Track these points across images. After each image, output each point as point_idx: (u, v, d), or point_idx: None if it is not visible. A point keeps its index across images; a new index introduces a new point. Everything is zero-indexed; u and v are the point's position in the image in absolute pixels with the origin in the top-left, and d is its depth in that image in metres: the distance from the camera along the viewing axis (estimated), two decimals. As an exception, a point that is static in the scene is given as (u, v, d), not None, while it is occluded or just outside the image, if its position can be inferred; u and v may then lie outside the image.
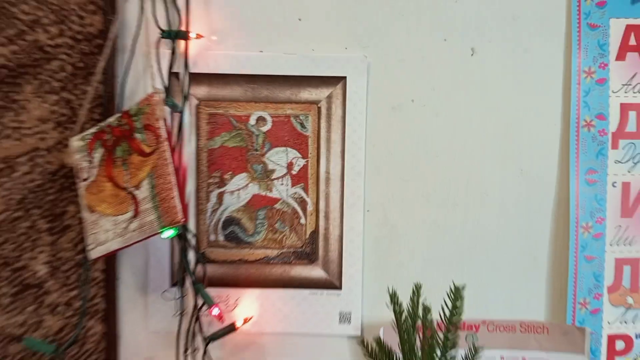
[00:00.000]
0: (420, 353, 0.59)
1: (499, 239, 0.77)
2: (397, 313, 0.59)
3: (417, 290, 0.61)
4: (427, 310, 0.61)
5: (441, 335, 0.60)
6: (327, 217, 0.77)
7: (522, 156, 0.77)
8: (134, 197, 0.67)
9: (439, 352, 0.58)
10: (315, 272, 0.77)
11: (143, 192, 0.66)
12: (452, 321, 0.60)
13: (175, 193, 0.64)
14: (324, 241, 0.77)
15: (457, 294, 0.64)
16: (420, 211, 0.78)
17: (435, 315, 0.74)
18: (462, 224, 0.77)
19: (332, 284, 0.77)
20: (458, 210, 0.77)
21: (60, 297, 0.77)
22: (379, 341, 0.62)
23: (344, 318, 0.77)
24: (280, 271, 0.77)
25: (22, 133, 0.75)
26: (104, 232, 0.68)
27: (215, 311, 0.71)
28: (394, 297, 0.59)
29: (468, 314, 0.77)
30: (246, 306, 0.77)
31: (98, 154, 0.69)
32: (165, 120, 0.66)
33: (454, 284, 0.65)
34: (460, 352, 0.65)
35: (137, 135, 0.67)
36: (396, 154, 0.77)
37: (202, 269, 0.75)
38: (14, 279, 0.76)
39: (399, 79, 0.76)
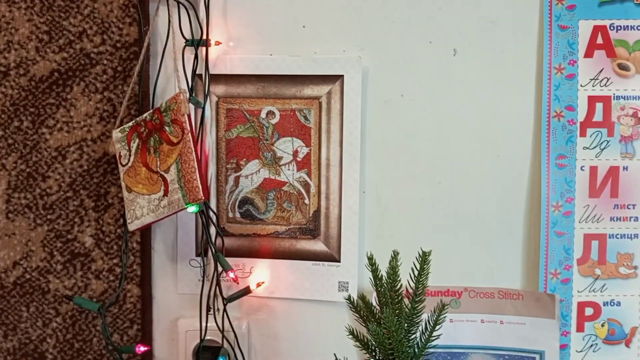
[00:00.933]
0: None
1: (478, 215, 0.88)
2: (374, 272, 0.70)
3: (395, 256, 0.72)
4: (395, 269, 0.70)
5: (412, 293, 0.71)
6: (327, 198, 0.89)
7: (499, 143, 0.87)
8: (164, 179, 0.80)
9: (409, 305, 0.70)
10: (318, 246, 0.89)
11: (171, 175, 0.79)
12: (420, 280, 0.71)
13: (197, 176, 0.77)
14: (325, 219, 0.89)
15: (424, 258, 0.73)
16: (409, 191, 0.89)
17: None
18: (446, 201, 0.88)
19: (332, 256, 0.89)
20: (442, 189, 0.88)
21: (104, 264, 0.91)
22: (362, 296, 0.74)
23: (343, 287, 0.89)
24: (288, 244, 0.90)
25: (72, 126, 0.89)
26: (140, 209, 0.82)
27: (231, 274, 0.84)
28: (371, 259, 0.71)
29: (452, 282, 0.89)
30: (259, 274, 0.90)
31: (135, 144, 0.83)
32: (189, 115, 0.79)
33: (421, 250, 0.73)
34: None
35: (167, 128, 0.80)
36: (388, 142, 0.88)
37: (221, 241, 0.88)
38: (65, 249, 0.91)
39: (390, 77, 0.87)
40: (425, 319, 0.71)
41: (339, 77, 0.87)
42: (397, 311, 0.69)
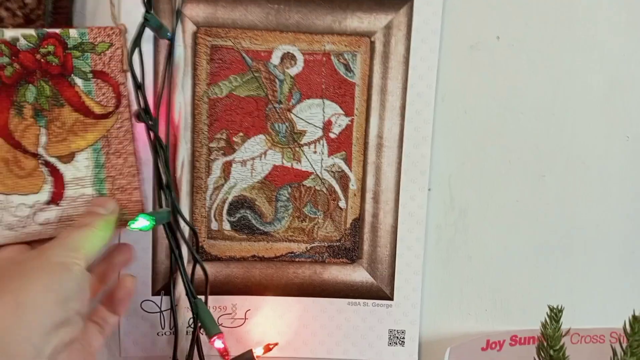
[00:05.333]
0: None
1: (598, 226, 0.58)
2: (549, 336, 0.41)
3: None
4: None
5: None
6: (376, 199, 0.55)
7: (632, 119, 0.58)
8: (55, 173, 0.43)
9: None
10: (358, 274, 0.56)
11: (77, 170, 0.43)
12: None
13: (138, 182, 0.44)
14: (370, 232, 0.55)
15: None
16: (498, 187, 0.57)
17: (514, 326, 0.57)
18: (552, 204, 0.58)
19: (381, 291, 0.56)
20: (548, 185, 0.57)
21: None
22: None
23: (396, 338, 0.56)
24: (309, 273, 0.56)
25: None
26: None
27: (218, 343, 0.48)
28: (557, 313, 0.41)
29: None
30: (260, 321, 0.55)
31: None
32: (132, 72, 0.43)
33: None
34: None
35: (77, 82, 0.43)
36: (472, 111, 0.56)
37: (205, 275, 0.52)
38: None
39: (481, 7, 0.55)
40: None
41: (405, 2, 0.52)
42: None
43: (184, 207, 0.53)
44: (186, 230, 0.51)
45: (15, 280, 0.37)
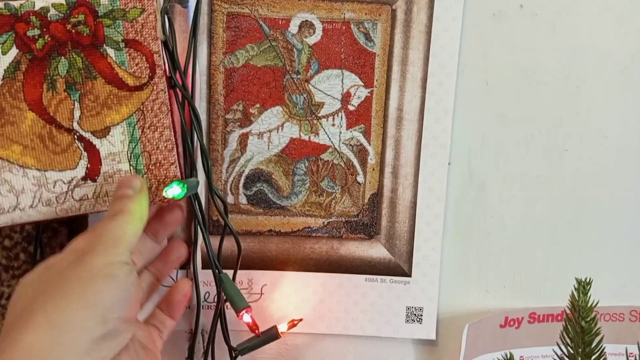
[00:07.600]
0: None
1: (621, 203, 0.57)
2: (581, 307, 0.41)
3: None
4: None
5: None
6: (395, 174, 0.54)
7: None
8: (90, 148, 0.42)
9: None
10: (376, 250, 0.55)
11: (112, 145, 0.42)
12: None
13: (175, 156, 0.43)
14: (389, 208, 0.54)
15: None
16: (518, 161, 0.56)
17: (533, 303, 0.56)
18: (574, 179, 0.56)
19: (399, 267, 0.55)
20: (570, 160, 0.56)
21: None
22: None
23: (413, 315, 0.55)
24: (326, 248, 0.55)
25: None
26: (11, 194, 0.42)
27: (246, 318, 0.47)
28: (585, 286, 0.40)
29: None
30: (276, 296, 0.55)
31: (7, 58, 0.42)
32: (165, 43, 0.42)
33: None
34: None
35: (110, 53, 0.41)
36: (493, 81, 0.54)
37: (238, 247, 0.51)
38: None
39: (506, -26, 0.53)
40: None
41: (429, -32, 0.51)
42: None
43: (201, 180, 0.52)
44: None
45: (51, 297, 0.35)
